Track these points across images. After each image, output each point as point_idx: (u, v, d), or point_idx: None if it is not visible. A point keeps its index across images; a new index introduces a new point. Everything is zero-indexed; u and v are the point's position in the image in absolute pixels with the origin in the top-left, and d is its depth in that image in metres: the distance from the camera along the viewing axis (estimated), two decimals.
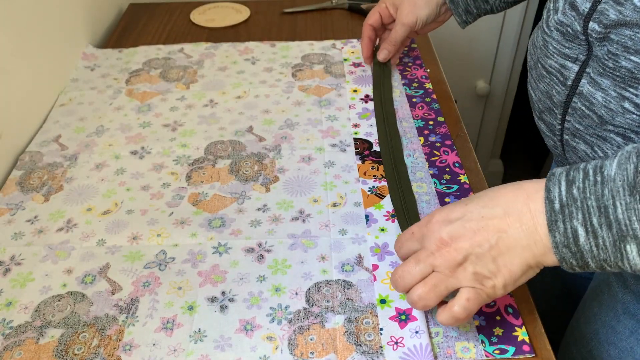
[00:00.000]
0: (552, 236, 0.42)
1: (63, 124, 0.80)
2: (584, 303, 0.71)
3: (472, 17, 0.80)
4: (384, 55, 0.85)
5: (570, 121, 0.56)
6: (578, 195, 0.41)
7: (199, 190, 0.69)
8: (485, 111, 1.68)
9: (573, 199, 0.41)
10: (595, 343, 0.67)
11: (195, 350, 0.52)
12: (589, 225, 0.41)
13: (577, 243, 0.41)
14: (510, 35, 1.49)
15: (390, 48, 0.84)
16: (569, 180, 0.42)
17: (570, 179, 0.42)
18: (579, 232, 0.41)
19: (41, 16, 0.84)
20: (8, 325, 0.54)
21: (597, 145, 0.54)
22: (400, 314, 0.54)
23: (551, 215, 0.42)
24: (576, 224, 0.41)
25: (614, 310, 0.63)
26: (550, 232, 0.42)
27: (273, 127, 0.79)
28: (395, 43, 0.83)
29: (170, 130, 0.79)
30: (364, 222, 0.64)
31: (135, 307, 0.55)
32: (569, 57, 0.54)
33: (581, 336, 0.69)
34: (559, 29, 0.55)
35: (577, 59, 0.54)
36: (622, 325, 0.62)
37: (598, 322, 0.66)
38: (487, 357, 0.51)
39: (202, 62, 0.94)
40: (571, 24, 0.53)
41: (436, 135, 0.77)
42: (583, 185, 0.41)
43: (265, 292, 0.57)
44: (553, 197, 0.42)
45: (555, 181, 0.43)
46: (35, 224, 0.64)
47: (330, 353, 0.51)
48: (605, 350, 0.65)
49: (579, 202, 0.41)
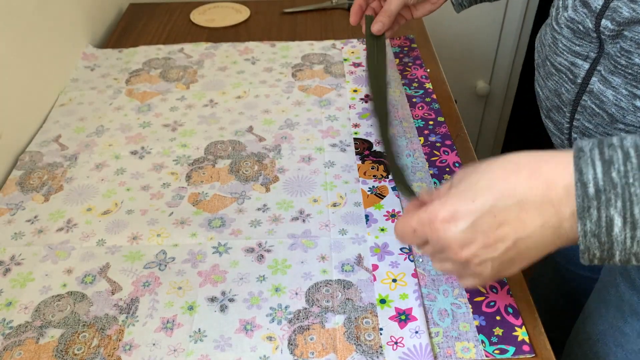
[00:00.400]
0: (581, 224, 0.38)
1: (63, 124, 0.80)
2: (590, 304, 0.70)
3: (468, 1, 0.78)
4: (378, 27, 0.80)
5: (580, 120, 0.55)
6: (619, 179, 0.36)
7: (199, 190, 0.69)
8: (485, 111, 1.68)
9: (612, 184, 0.37)
10: (601, 345, 0.66)
11: (195, 350, 0.52)
12: (629, 216, 0.36)
13: (610, 234, 0.37)
14: (510, 35, 1.49)
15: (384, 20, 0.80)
16: (605, 160, 0.37)
17: (607, 158, 0.37)
18: (615, 222, 0.37)
19: (41, 16, 0.84)
20: (8, 325, 0.54)
21: None
22: (400, 314, 0.54)
23: (583, 201, 0.37)
24: (613, 213, 0.37)
25: (621, 311, 0.62)
26: (580, 219, 0.37)
27: (273, 127, 0.79)
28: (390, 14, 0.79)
29: (170, 130, 0.79)
30: (364, 222, 0.64)
31: (135, 307, 0.55)
32: (580, 54, 0.54)
33: (587, 337, 0.69)
34: (570, 26, 0.54)
35: (587, 57, 0.53)
36: (629, 326, 0.61)
37: (605, 324, 0.65)
38: (487, 357, 0.51)
39: (202, 62, 0.94)
40: (582, 21, 0.52)
41: (436, 135, 0.77)
42: (624, 168, 0.37)
43: (265, 292, 0.57)
44: (587, 180, 0.37)
45: (587, 160, 0.38)
46: (35, 224, 0.64)
47: (330, 353, 0.51)
48: (611, 352, 0.64)
49: (619, 188, 0.36)
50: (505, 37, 1.50)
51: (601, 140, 0.38)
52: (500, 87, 1.61)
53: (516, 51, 1.53)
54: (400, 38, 0.99)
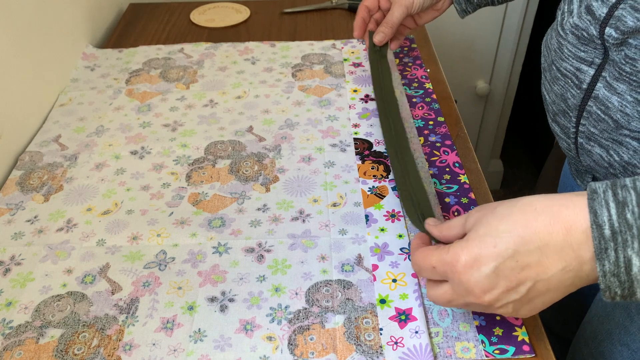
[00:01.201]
0: (600, 265, 0.38)
1: (63, 124, 0.80)
2: (597, 303, 0.70)
3: (472, 7, 0.78)
4: (380, 38, 0.81)
5: (585, 125, 0.55)
6: (634, 221, 0.37)
7: (199, 190, 0.69)
8: (485, 111, 1.68)
9: (628, 225, 0.37)
10: (607, 344, 0.66)
11: (195, 350, 0.52)
12: None
13: (629, 273, 0.38)
14: (510, 35, 1.49)
15: (386, 30, 0.80)
16: (619, 201, 0.38)
17: (621, 200, 0.38)
18: (633, 261, 0.37)
19: (41, 16, 0.84)
20: (8, 325, 0.54)
21: (612, 149, 0.53)
22: (400, 314, 0.54)
23: (600, 243, 0.38)
24: (631, 253, 0.37)
25: (627, 310, 0.62)
26: (599, 260, 0.38)
27: (273, 127, 0.79)
28: (392, 25, 0.79)
29: (170, 130, 0.79)
30: (363, 222, 0.64)
31: (135, 307, 0.55)
32: (585, 60, 0.53)
33: (593, 336, 0.69)
34: (575, 32, 0.54)
35: (592, 63, 0.53)
36: (635, 326, 0.61)
37: (611, 323, 0.65)
38: (487, 357, 0.51)
39: (202, 62, 0.94)
40: (587, 28, 0.52)
41: (436, 135, 0.77)
42: (639, 209, 0.37)
43: (265, 292, 0.57)
44: (602, 222, 0.38)
45: (602, 202, 0.38)
46: (35, 224, 0.64)
47: (330, 353, 0.51)
48: (617, 351, 0.64)
49: (635, 230, 0.37)
50: (505, 37, 1.50)
51: (614, 182, 0.39)
52: (500, 87, 1.61)
53: (516, 51, 1.53)
54: None
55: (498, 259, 0.41)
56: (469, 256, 0.42)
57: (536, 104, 1.68)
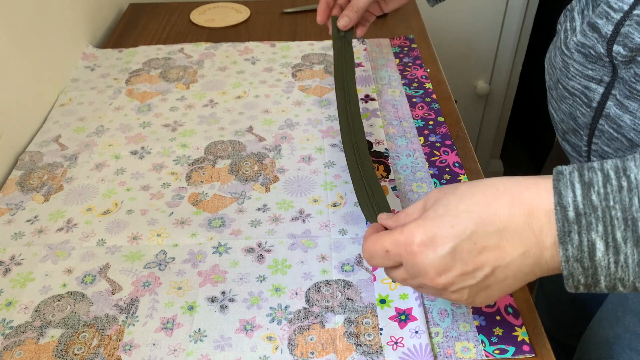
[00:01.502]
0: (563, 249, 0.36)
1: (63, 124, 0.80)
2: (606, 306, 0.69)
3: None
4: (345, 22, 0.76)
5: (598, 143, 0.53)
6: (599, 202, 0.35)
7: (199, 190, 0.69)
8: (485, 111, 1.68)
9: (592, 207, 0.35)
10: (616, 347, 0.65)
11: (195, 350, 0.52)
12: (611, 240, 0.35)
13: (593, 258, 0.36)
14: (510, 35, 1.49)
15: (351, 15, 0.76)
16: (585, 182, 0.36)
17: (587, 180, 0.36)
18: (597, 246, 0.35)
19: (41, 16, 0.84)
20: (8, 325, 0.54)
21: None
22: (400, 314, 0.54)
23: (564, 225, 0.36)
24: (595, 237, 0.35)
25: (638, 315, 0.62)
26: (562, 244, 0.36)
27: (273, 127, 0.79)
28: (357, 10, 0.76)
29: (170, 130, 0.79)
30: (364, 222, 0.64)
31: (135, 307, 0.55)
32: (593, 78, 0.51)
33: (602, 340, 0.68)
34: (581, 50, 0.52)
35: (601, 81, 0.51)
36: None
37: (620, 327, 0.64)
38: (487, 357, 0.51)
39: (202, 62, 0.94)
40: (593, 45, 0.50)
41: (436, 135, 0.77)
42: (604, 190, 0.35)
43: (265, 292, 0.57)
44: (566, 203, 0.36)
45: (567, 182, 0.37)
46: (35, 224, 0.64)
47: (330, 353, 0.51)
48: (627, 356, 0.63)
49: (600, 212, 0.35)
50: (505, 37, 1.50)
51: (582, 165, 0.37)
52: (500, 87, 1.61)
53: (516, 51, 1.53)
54: (400, 38, 0.99)
55: (455, 240, 0.39)
56: (425, 235, 0.40)
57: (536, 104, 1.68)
